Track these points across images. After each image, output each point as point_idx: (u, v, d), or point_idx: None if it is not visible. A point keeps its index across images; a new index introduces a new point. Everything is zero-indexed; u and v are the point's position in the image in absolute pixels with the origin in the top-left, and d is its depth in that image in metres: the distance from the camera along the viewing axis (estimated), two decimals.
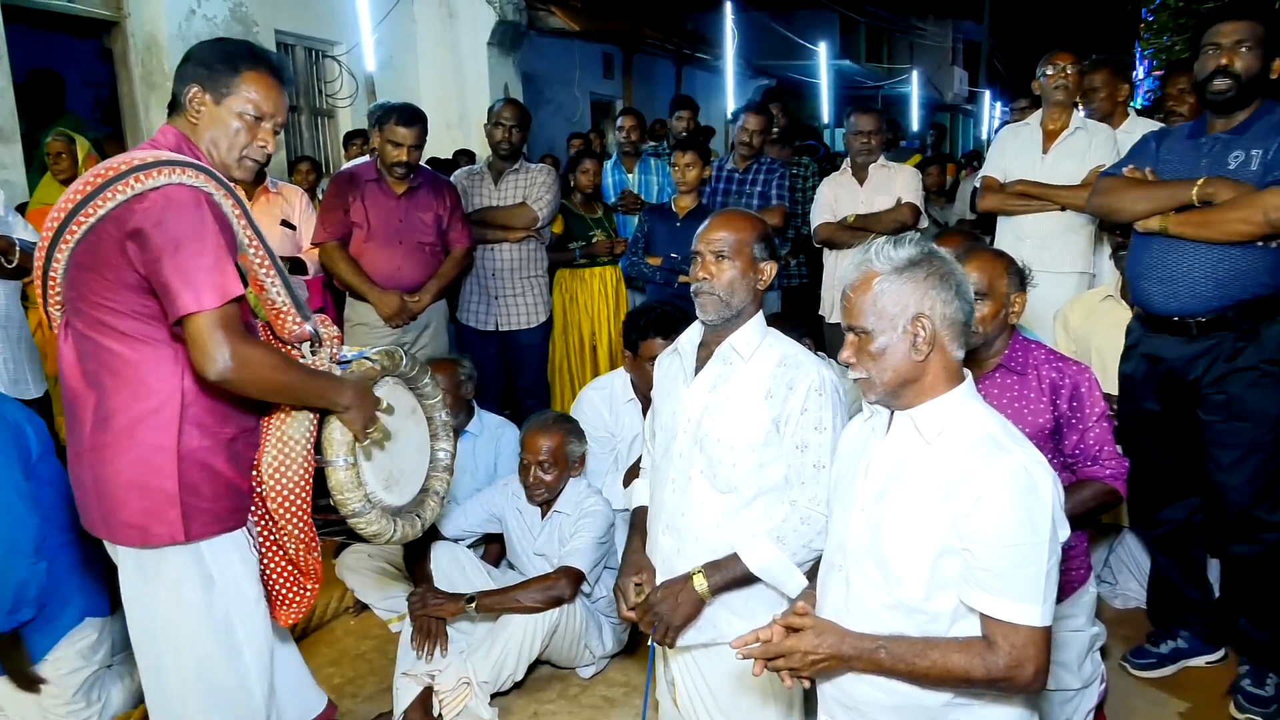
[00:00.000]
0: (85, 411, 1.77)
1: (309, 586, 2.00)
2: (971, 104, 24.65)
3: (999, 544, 1.47)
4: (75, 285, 1.76)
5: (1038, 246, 3.56)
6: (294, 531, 1.89)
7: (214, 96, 1.85)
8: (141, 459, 1.75)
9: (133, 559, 1.83)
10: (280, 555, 1.98)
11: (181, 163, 1.74)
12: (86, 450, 1.78)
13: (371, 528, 1.97)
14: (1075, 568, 2.40)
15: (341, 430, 1.90)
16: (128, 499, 1.76)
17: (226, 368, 1.68)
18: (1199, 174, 2.52)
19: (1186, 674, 2.81)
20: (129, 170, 1.69)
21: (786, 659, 1.57)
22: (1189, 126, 2.68)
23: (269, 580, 1.99)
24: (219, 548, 1.85)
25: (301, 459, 1.88)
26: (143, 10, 5.83)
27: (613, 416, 3.27)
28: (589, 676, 2.92)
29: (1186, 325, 2.57)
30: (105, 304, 1.73)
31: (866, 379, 1.60)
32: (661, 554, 2.14)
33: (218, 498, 1.82)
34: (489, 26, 8.13)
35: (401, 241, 3.70)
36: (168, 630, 1.85)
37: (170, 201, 1.68)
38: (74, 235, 1.72)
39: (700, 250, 2.06)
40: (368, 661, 3.07)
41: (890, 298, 1.56)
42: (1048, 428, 2.30)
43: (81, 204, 1.70)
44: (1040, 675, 1.49)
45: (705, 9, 13.42)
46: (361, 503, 1.93)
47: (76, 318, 1.77)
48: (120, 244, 1.69)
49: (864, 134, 4.26)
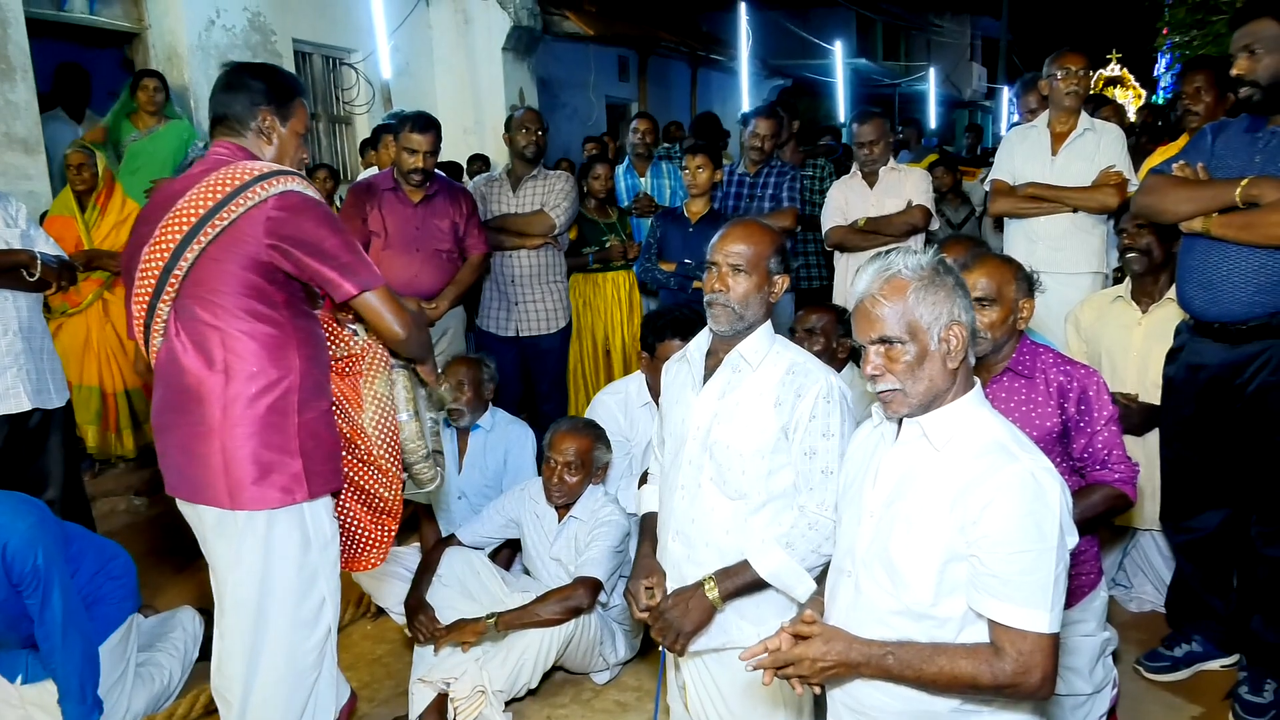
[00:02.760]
0: (213, 394, 1.99)
1: (391, 526, 2.27)
2: (990, 101, 24.47)
3: (1007, 550, 1.48)
4: (203, 280, 1.98)
5: (1051, 248, 3.54)
6: (395, 473, 2.20)
7: (281, 119, 2.14)
8: (271, 431, 2.01)
9: (246, 523, 2.03)
10: (361, 505, 2.23)
11: (286, 172, 2.03)
12: (217, 429, 1.99)
13: (429, 473, 2.28)
14: (1086, 572, 2.40)
15: (405, 390, 2.23)
16: (261, 468, 2.00)
17: (409, 329, 2.11)
18: (1252, 170, 2.40)
19: (1200, 678, 2.79)
20: (253, 180, 1.97)
21: (795, 667, 1.58)
22: (1248, 119, 2.52)
23: (353, 532, 2.25)
24: (317, 510, 2.11)
25: (392, 411, 2.21)
26: (163, 21, 5.92)
27: (628, 421, 3.29)
28: (603, 682, 2.95)
29: (1229, 331, 2.49)
30: (233, 294, 1.98)
31: (898, 392, 1.58)
32: (672, 560, 2.16)
33: (325, 460, 2.10)
34: (504, 32, 8.17)
35: (418, 249, 3.74)
36: (270, 589, 2.07)
37: (296, 206, 1.98)
38: (208, 235, 1.95)
39: (716, 261, 2.07)
40: (384, 666, 3.11)
41: (925, 306, 1.56)
42: (1055, 431, 2.30)
43: (215, 210, 1.95)
44: (1048, 682, 1.49)
45: (720, 10, 13.42)
46: (426, 451, 2.25)
47: (202, 308, 1.99)
48: (258, 243, 1.95)
49: (865, 144, 4.23)
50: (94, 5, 5.52)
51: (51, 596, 2.37)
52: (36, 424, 3.15)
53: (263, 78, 2.14)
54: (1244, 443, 2.58)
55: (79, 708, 2.42)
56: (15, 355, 3.05)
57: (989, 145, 11.39)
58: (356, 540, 2.26)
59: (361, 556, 2.28)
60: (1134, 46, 16.87)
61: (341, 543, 2.22)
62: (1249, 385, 2.50)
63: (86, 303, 4.29)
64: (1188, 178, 2.55)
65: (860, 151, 4.26)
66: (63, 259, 3.22)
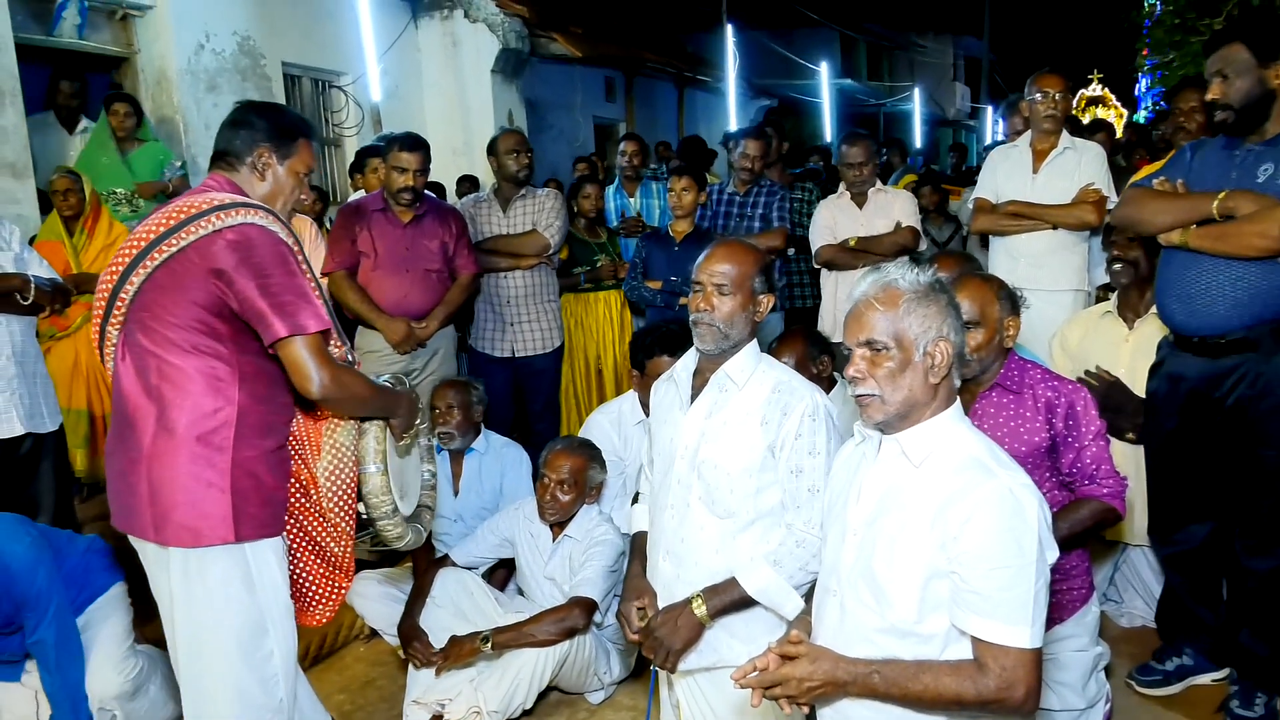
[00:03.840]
0: (145, 422, 1.94)
1: (343, 584, 2.20)
2: (974, 120, 24.72)
3: (986, 566, 1.50)
4: (148, 306, 1.94)
5: (1032, 265, 3.58)
6: (345, 528, 2.13)
7: (279, 157, 2.12)
8: (199, 465, 1.93)
9: (181, 561, 1.97)
10: (314, 557, 2.16)
11: (253, 205, 1.99)
12: (145, 457, 1.94)
13: (396, 530, 2.19)
14: (1076, 587, 2.42)
15: (376, 440, 2.13)
16: (185, 502, 1.93)
17: (325, 388, 1.94)
18: (1228, 185, 2.45)
19: (1192, 691, 2.81)
20: (210, 209, 1.92)
21: (783, 687, 1.59)
22: (1226, 138, 2.58)
23: (301, 583, 2.17)
24: (260, 551, 2.02)
25: (350, 464, 2.12)
26: (153, 46, 5.94)
27: (621, 440, 3.31)
28: (598, 702, 2.95)
29: (1208, 345, 2.52)
30: (174, 322, 1.92)
31: (876, 397, 1.60)
32: (662, 579, 2.17)
33: (262, 504, 2.00)
34: (492, 54, 8.23)
35: (408, 269, 3.76)
36: (208, 630, 2.00)
37: (250, 239, 1.92)
38: (155, 261, 1.92)
39: (702, 281, 2.09)
40: (377, 688, 3.10)
41: (916, 318, 1.59)
42: (1044, 446, 2.33)
43: (166, 234, 1.92)
44: (1031, 697, 1.51)
45: (705, 31, 13.55)
46: (391, 507, 2.16)
47: (143, 334, 1.95)
48: (204, 272, 1.90)
49: (854, 165, 4.29)
50: (83, 30, 5.53)
51: (48, 616, 2.38)
52: (29, 449, 3.15)
53: (267, 116, 2.14)
54: (1225, 456, 2.62)
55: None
56: (9, 380, 3.05)
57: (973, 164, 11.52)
58: (306, 592, 2.18)
59: (309, 609, 2.19)
60: (1115, 66, 17.10)
61: (292, 592, 2.13)
62: (1228, 399, 2.53)
63: (75, 326, 4.28)
64: (1166, 191, 2.60)
65: (849, 173, 4.32)
66: (56, 282, 3.23)
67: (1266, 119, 2.45)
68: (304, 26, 7.00)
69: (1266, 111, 2.44)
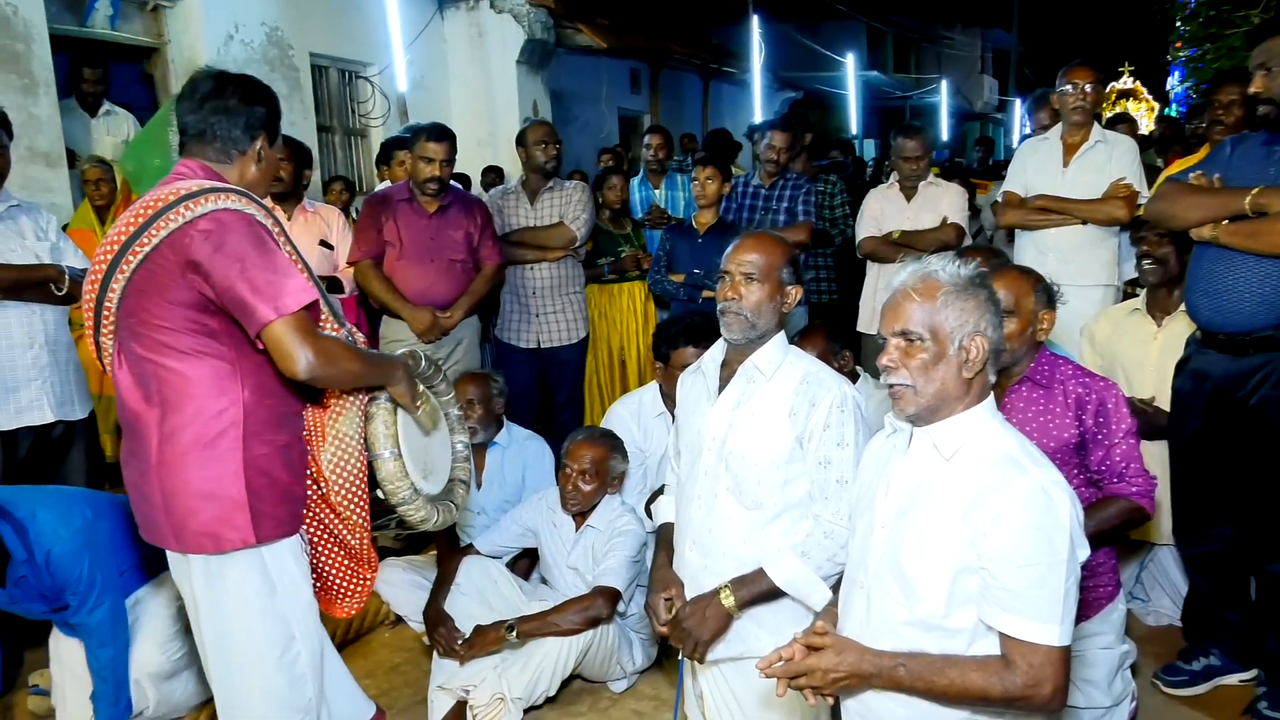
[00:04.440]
0: (150, 430, 1.88)
1: (368, 575, 2.15)
2: (1001, 113, 24.47)
3: (1017, 563, 1.49)
4: (134, 312, 1.85)
5: (1060, 260, 3.55)
6: (357, 521, 2.04)
7: (270, 139, 2.02)
8: (211, 469, 1.86)
9: (201, 567, 1.93)
10: (337, 550, 2.10)
11: (223, 189, 1.87)
12: (154, 466, 1.88)
13: (419, 514, 2.10)
14: (1103, 584, 2.40)
15: (385, 425, 2.04)
16: (200, 508, 1.87)
17: (312, 364, 1.81)
18: (1266, 182, 2.42)
19: (1219, 692, 2.78)
20: (177, 200, 1.81)
21: (808, 677, 1.59)
22: (1267, 133, 2.54)
23: (327, 577, 2.13)
24: (279, 552, 1.97)
25: (357, 452, 2.02)
26: (183, 37, 6.01)
27: (641, 431, 3.31)
28: (620, 691, 2.96)
29: (1234, 342, 2.50)
30: (164, 325, 1.83)
31: (908, 388, 1.60)
32: (689, 570, 2.18)
33: (278, 502, 1.93)
34: (518, 45, 8.25)
35: (433, 259, 3.78)
36: (233, 633, 1.97)
37: (223, 224, 1.81)
38: (130, 264, 1.82)
39: (730, 270, 2.10)
40: (402, 674, 3.13)
41: (953, 311, 1.58)
42: (1073, 442, 2.31)
43: (136, 235, 1.81)
44: (1059, 695, 1.50)
45: (731, 23, 13.50)
46: (409, 490, 2.07)
47: (135, 342, 1.87)
48: (179, 268, 1.80)
49: (911, 159, 4.27)
50: (115, 20, 5.61)
51: (90, 602, 2.40)
52: (60, 435, 3.20)
53: (262, 100, 2.01)
54: (1248, 458, 2.59)
55: (111, 709, 2.45)
56: (41, 368, 3.10)
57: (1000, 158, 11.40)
58: (330, 584, 2.14)
59: (336, 601, 2.15)
60: (1146, 59, 16.85)
61: (317, 586, 2.10)
62: (1251, 398, 2.51)
63: None
64: (1202, 186, 2.57)
65: (905, 165, 4.29)
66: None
67: None
68: (331, 17, 7.05)
69: None
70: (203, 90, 1.95)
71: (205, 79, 1.98)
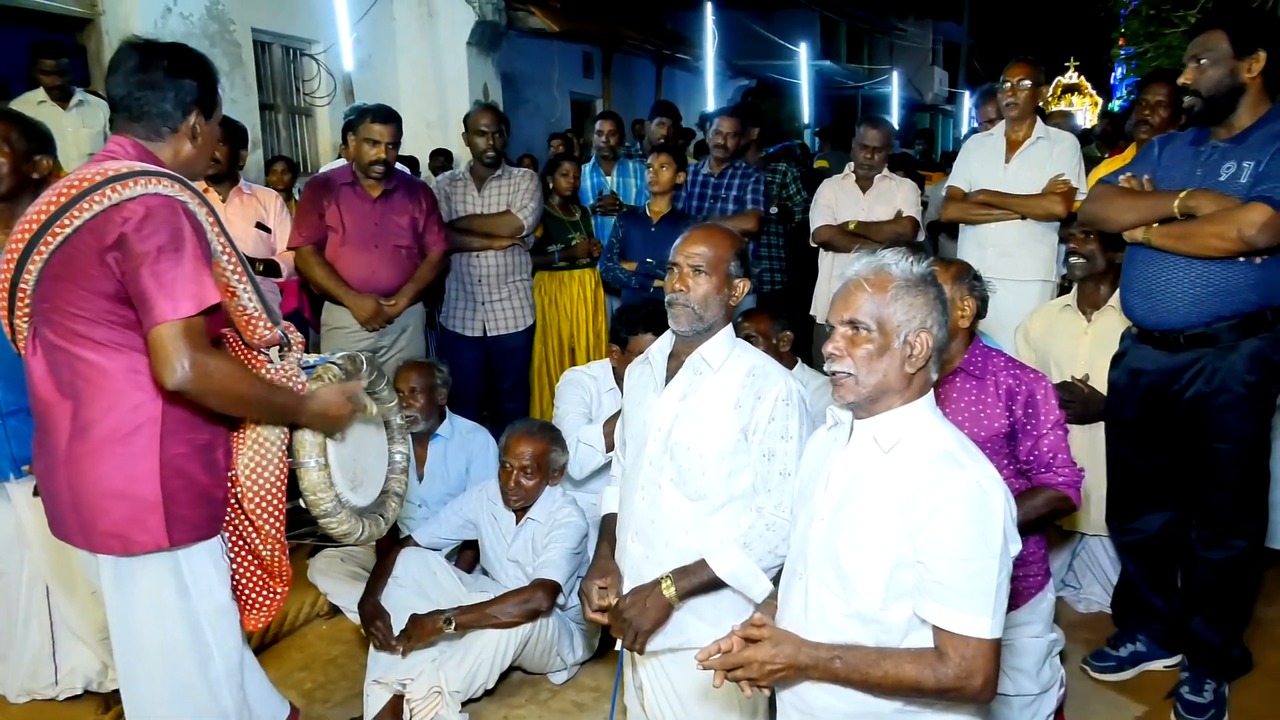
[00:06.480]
0: (60, 422, 1.78)
1: (279, 590, 2.02)
2: (951, 105, 24.81)
3: (952, 557, 1.51)
4: (48, 297, 1.75)
5: (1000, 255, 3.61)
6: (270, 531, 1.91)
7: (206, 114, 1.89)
8: (123, 467, 1.76)
9: (111, 568, 1.85)
10: (251, 560, 1.99)
11: (155, 173, 1.74)
12: (64, 461, 1.78)
13: (342, 527, 2.00)
14: (1033, 574, 2.45)
15: (313, 432, 1.93)
16: (109, 507, 1.77)
17: (185, 377, 1.68)
18: (1193, 183, 2.47)
19: (1145, 678, 2.86)
20: (104, 181, 1.69)
21: (745, 669, 1.60)
22: (1194, 133, 2.59)
23: (239, 585, 2.00)
24: (195, 555, 1.87)
25: (277, 459, 1.90)
26: (118, 7, 5.81)
27: (594, 400, 3.27)
28: (560, 682, 2.95)
29: (1168, 339, 2.56)
30: (80, 314, 1.73)
31: (850, 377, 1.61)
32: (631, 560, 2.17)
33: (195, 504, 1.83)
34: (468, 26, 8.14)
35: (377, 245, 3.70)
36: (143, 636, 1.88)
37: (149, 211, 1.69)
38: (48, 247, 1.71)
39: (678, 262, 2.09)
40: (339, 666, 3.08)
41: (902, 305, 1.59)
42: (1003, 432, 2.36)
43: (57, 215, 1.70)
44: (989, 686, 1.52)
45: (685, 9, 13.45)
46: (333, 503, 1.97)
47: (48, 328, 1.77)
48: (99, 254, 1.69)
49: (870, 149, 4.31)
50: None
51: None
52: None
53: (195, 72, 1.87)
54: (1181, 447, 2.66)
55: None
56: None
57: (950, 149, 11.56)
58: (242, 593, 2.00)
59: (247, 612, 2.01)
60: (1091, 55, 17.20)
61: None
62: (1185, 393, 2.57)
63: None
64: (1132, 189, 2.63)
65: (862, 154, 4.34)
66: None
67: (1233, 112, 2.46)
68: None
69: (1234, 104, 2.45)
70: (129, 63, 1.83)
71: (131, 50, 1.85)
